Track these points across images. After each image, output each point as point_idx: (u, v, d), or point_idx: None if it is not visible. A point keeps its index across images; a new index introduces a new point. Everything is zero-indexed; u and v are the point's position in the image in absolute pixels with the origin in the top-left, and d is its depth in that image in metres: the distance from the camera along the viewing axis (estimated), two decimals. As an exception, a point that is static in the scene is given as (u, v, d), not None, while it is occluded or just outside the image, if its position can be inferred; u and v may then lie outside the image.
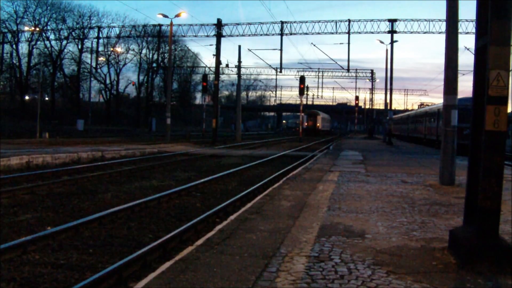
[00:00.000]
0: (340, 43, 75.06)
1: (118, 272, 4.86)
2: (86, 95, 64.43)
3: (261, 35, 42.04)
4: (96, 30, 53.30)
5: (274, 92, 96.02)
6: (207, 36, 41.73)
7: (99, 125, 54.18)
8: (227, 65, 48.06)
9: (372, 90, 64.59)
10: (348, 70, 46.08)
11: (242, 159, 20.35)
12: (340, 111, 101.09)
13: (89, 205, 8.78)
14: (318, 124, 62.74)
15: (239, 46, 57.43)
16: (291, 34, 42.14)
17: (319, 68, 67.60)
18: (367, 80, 63.74)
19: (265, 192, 8.94)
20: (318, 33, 41.47)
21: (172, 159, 18.80)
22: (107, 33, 53.84)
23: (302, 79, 40.63)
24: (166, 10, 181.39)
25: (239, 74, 41.34)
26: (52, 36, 58.77)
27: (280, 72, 51.26)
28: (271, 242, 5.03)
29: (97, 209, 8.32)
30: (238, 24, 41.96)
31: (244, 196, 9.82)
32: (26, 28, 54.94)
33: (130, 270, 5.05)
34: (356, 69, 64.93)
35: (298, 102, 69.36)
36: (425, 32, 40.06)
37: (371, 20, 41.07)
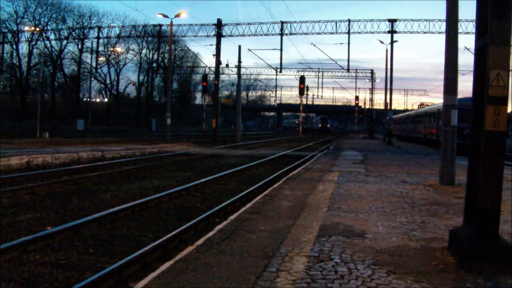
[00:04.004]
0: (340, 43, 75.07)
1: (118, 272, 4.86)
2: (86, 95, 64.47)
3: (261, 35, 42.01)
4: (96, 30, 53.27)
5: (274, 92, 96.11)
6: (207, 36, 41.69)
7: (99, 125, 54.18)
8: (227, 65, 47.98)
9: (372, 90, 64.47)
10: (348, 70, 46.00)
11: (242, 159, 20.35)
12: (340, 111, 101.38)
13: (89, 205, 8.78)
14: (328, 125, 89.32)
15: (239, 46, 57.36)
16: (291, 34, 42.09)
17: (319, 68, 67.48)
18: (367, 80, 63.62)
19: (265, 192, 8.94)
20: (318, 33, 41.41)
21: (172, 159, 18.80)
22: (107, 33, 53.74)
23: (302, 79, 40.64)
24: (166, 10, 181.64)
25: (239, 74, 41.31)
26: (52, 36, 58.67)
27: (280, 72, 51.16)
28: (271, 242, 5.03)
29: (97, 209, 8.32)
30: (238, 24, 41.91)
31: (244, 196, 9.82)
32: (26, 28, 54.86)
33: (130, 270, 5.05)
34: (356, 69, 64.79)
35: (298, 102, 69.50)
36: (425, 32, 40.03)
37: (371, 20, 41.04)
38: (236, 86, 51.68)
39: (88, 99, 58.44)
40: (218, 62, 34.71)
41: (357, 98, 67.06)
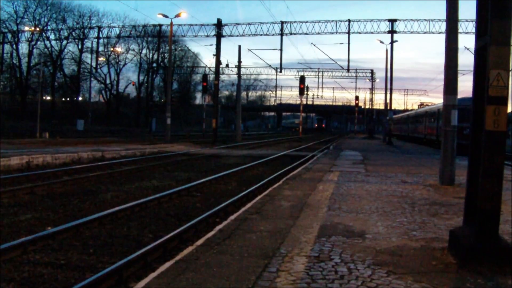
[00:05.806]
0: (340, 43, 74.92)
1: (118, 272, 4.86)
2: (86, 95, 64.45)
3: (261, 35, 42.04)
4: (96, 30, 53.32)
5: (274, 92, 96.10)
6: (207, 36, 41.74)
7: (99, 125, 54.15)
8: (227, 65, 48.03)
9: (372, 90, 64.48)
10: (348, 70, 46.06)
11: (242, 159, 20.35)
12: (340, 111, 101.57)
13: (89, 205, 8.78)
14: (323, 125, 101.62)
15: (239, 46, 57.36)
16: (291, 34, 42.13)
17: (319, 68, 67.47)
18: (367, 80, 63.63)
19: (265, 192, 8.93)
20: (318, 33, 41.47)
21: (172, 159, 18.80)
22: (107, 33, 53.78)
23: (302, 79, 40.67)
24: (166, 10, 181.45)
25: (239, 74, 41.32)
26: (52, 36, 58.67)
27: (280, 72, 51.24)
28: (271, 242, 5.03)
29: (97, 209, 8.32)
30: (238, 24, 42.03)
31: (244, 196, 9.82)
32: (26, 28, 54.82)
33: (130, 270, 5.05)
34: (356, 69, 64.78)
35: (298, 102, 69.56)
36: (425, 32, 40.07)
37: (371, 20, 41.10)
38: (236, 86, 51.67)
39: (88, 99, 58.38)
40: (218, 62, 34.73)
41: (357, 98, 67.08)
